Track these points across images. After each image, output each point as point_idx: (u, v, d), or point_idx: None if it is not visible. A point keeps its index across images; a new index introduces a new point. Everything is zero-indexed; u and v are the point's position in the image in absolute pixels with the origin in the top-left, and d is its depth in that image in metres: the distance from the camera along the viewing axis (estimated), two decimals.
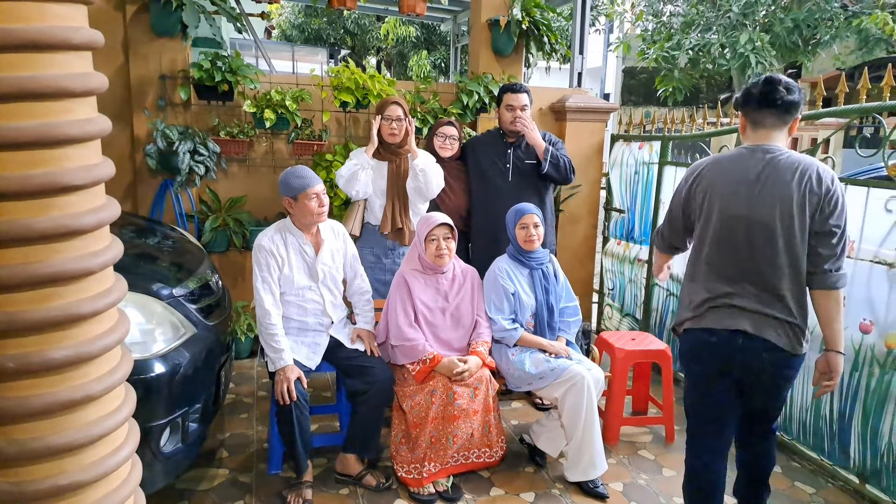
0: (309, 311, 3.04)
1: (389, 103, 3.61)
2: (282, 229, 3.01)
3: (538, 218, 3.19)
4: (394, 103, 3.61)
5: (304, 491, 2.83)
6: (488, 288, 3.20)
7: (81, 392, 1.35)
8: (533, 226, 3.15)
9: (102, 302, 1.38)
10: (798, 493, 3.03)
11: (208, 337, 2.69)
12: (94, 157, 1.36)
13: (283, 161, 4.49)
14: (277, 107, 4.13)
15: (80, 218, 1.31)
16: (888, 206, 2.80)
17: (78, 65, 1.29)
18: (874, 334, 2.86)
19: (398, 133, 3.58)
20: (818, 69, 10.81)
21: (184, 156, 3.90)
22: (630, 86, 21.18)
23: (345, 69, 4.29)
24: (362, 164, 3.55)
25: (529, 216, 3.16)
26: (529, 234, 3.15)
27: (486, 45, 4.79)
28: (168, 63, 4.09)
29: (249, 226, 4.36)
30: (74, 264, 1.31)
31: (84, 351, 1.34)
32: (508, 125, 3.77)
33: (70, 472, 1.37)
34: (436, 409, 2.88)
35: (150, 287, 2.57)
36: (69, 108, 1.27)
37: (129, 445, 1.51)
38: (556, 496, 2.96)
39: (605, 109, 5.06)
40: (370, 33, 15.96)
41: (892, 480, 2.84)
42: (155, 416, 2.35)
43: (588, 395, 2.91)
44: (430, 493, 2.88)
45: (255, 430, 3.49)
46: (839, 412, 3.06)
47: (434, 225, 3.04)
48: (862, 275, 2.90)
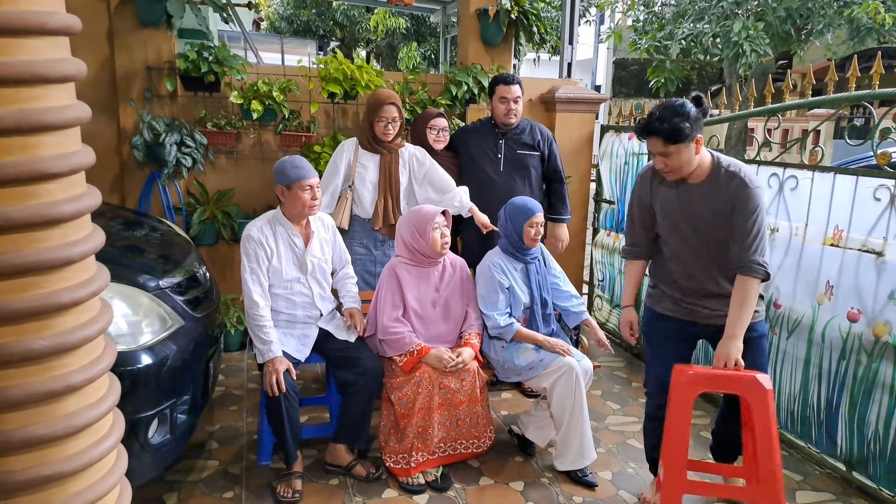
0: (297, 303, 3.02)
1: (385, 104, 3.48)
2: (271, 220, 2.99)
3: (542, 215, 3.18)
4: (390, 104, 3.48)
5: (294, 481, 2.83)
6: (482, 283, 3.17)
7: (62, 382, 1.33)
8: (539, 224, 3.14)
9: (83, 292, 1.37)
10: (785, 481, 3.05)
11: (196, 329, 2.68)
12: (72, 144, 1.34)
13: (272, 153, 4.46)
14: (265, 98, 4.11)
15: (58, 206, 1.29)
16: (877, 195, 2.80)
17: (54, 50, 1.27)
18: (862, 323, 2.87)
19: (392, 133, 3.53)
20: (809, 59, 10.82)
21: (171, 148, 3.87)
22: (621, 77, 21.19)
23: (333, 60, 4.26)
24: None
25: (539, 214, 3.13)
26: (538, 233, 3.13)
27: (475, 36, 4.77)
28: (154, 54, 4.05)
29: (238, 218, 4.34)
30: (53, 253, 1.29)
31: (64, 341, 1.33)
32: (502, 117, 3.75)
33: (53, 463, 1.36)
34: (422, 399, 2.88)
35: (136, 279, 2.56)
36: (45, 94, 1.25)
37: (113, 436, 1.50)
38: (545, 485, 2.97)
39: (594, 100, 5.05)
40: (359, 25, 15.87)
41: (878, 468, 2.86)
42: (142, 408, 2.34)
43: (577, 385, 2.91)
44: (420, 483, 2.89)
45: (244, 421, 3.48)
46: (826, 400, 3.08)
47: (437, 213, 3.03)
48: (850, 264, 2.92)
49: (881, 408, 2.81)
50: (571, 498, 2.88)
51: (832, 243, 3.01)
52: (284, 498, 2.77)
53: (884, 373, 2.78)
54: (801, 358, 3.19)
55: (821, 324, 3.06)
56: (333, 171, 3.59)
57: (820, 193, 3.07)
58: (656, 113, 2.43)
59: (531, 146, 3.83)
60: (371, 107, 3.54)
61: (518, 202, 3.19)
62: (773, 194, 3.34)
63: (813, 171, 3.11)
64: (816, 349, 3.10)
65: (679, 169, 2.47)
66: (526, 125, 3.87)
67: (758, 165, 3.45)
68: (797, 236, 3.20)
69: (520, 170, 3.82)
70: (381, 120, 3.49)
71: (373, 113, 3.51)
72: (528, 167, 3.83)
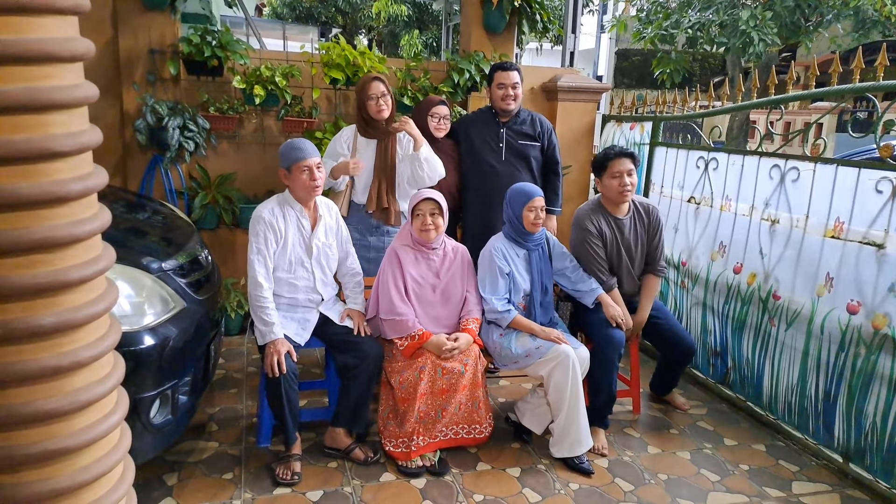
0: (300, 288, 3.03)
1: (369, 80, 3.49)
2: (282, 202, 3.00)
3: (542, 200, 3.19)
4: (373, 80, 3.49)
5: (293, 464, 2.85)
6: (483, 267, 3.19)
7: (69, 359, 1.35)
8: (540, 209, 3.14)
9: (90, 270, 1.38)
10: (782, 472, 3.07)
11: (198, 311, 2.69)
12: (80, 123, 1.35)
13: (273, 138, 4.46)
14: (267, 83, 4.10)
15: (66, 185, 1.30)
16: (879, 187, 2.81)
17: (63, 29, 1.27)
18: (861, 315, 2.88)
19: (386, 108, 3.52)
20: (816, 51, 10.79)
21: (173, 131, 3.87)
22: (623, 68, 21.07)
23: (335, 46, 4.26)
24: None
25: (539, 199, 3.15)
26: (538, 217, 3.14)
27: (477, 23, 4.75)
28: (157, 37, 4.05)
29: (239, 203, 4.34)
30: (60, 231, 1.30)
31: (71, 318, 1.34)
32: (500, 103, 3.75)
33: (59, 438, 1.38)
34: (425, 384, 2.90)
35: (139, 261, 2.57)
36: (54, 73, 1.26)
37: (118, 413, 1.52)
38: (541, 471, 2.99)
39: (596, 89, 5.05)
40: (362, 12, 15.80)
41: (875, 459, 2.88)
42: (145, 388, 2.35)
43: (573, 373, 2.93)
44: (418, 466, 2.91)
45: (244, 404, 3.50)
46: (824, 392, 3.10)
47: (420, 199, 3.04)
48: (850, 256, 2.92)
49: (879, 400, 2.83)
50: (568, 484, 2.90)
51: (833, 235, 3.02)
52: (283, 480, 2.79)
53: (882, 365, 2.80)
54: (799, 349, 3.21)
55: (820, 315, 3.08)
56: (332, 155, 3.59)
57: (822, 185, 3.08)
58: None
59: (532, 136, 3.83)
60: (359, 90, 3.56)
61: (518, 187, 3.21)
62: (774, 186, 3.35)
63: (815, 163, 3.12)
64: (815, 341, 3.11)
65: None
66: (527, 116, 3.87)
67: (759, 157, 3.45)
68: (798, 228, 3.21)
69: (521, 159, 3.82)
70: (370, 98, 3.48)
71: (362, 94, 3.52)
72: (529, 157, 3.83)
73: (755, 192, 3.48)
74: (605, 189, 3.37)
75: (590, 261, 3.34)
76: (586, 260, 3.35)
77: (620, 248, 3.40)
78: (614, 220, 3.38)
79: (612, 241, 3.38)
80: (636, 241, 3.42)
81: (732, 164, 3.65)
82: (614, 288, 3.37)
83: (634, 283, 3.48)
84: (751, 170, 3.51)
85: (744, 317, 3.57)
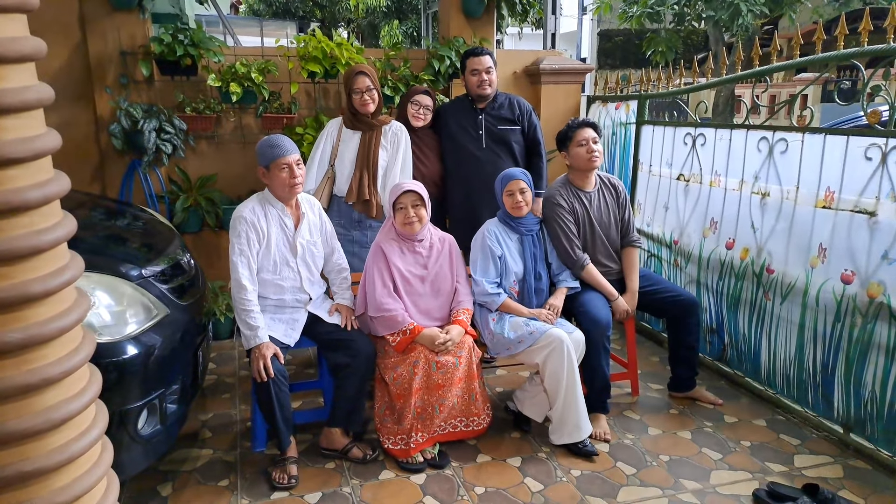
0: (286, 288, 2.97)
1: (355, 74, 3.45)
2: (262, 201, 2.93)
3: (525, 183, 3.14)
4: (359, 73, 3.45)
5: (289, 467, 2.80)
6: (475, 249, 3.17)
7: (38, 376, 1.29)
8: (519, 191, 3.11)
9: (55, 281, 1.32)
10: (784, 445, 3.05)
11: (182, 317, 2.62)
12: (35, 127, 1.28)
13: (253, 136, 4.38)
14: (243, 80, 4.02)
15: (23, 193, 1.24)
16: (868, 154, 2.77)
17: (8, 28, 1.20)
18: (856, 284, 2.85)
19: (371, 102, 3.48)
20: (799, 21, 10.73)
21: (149, 134, 3.78)
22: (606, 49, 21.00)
23: (311, 38, 4.18)
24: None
25: (515, 182, 3.11)
26: (517, 201, 3.10)
27: (456, 8, 4.67)
28: (127, 38, 3.95)
29: (222, 204, 4.26)
30: (20, 242, 1.24)
31: (37, 333, 1.28)
32: (476, 89, 3.70)
33: (34, 458, 1.32)
34: (419, 379, 2.85)
35: (118, 268, 2.49)
36: (2, 74, 1.19)
37: (96, 428, 1.46)
38: (542, 459, 2.95)
39: (580, 70, 4.99)
40: (340, 4, 15.63)
41: (876, 428, 2.85)
42: (130, 399, 2.29)
43: (569, 358, 2.89)
44: (419, 462, 2.87)
45: (237, 409, 3.44)
46: (822, 363, 3.07)
47: (400, 192, 2.98)
48: (842, 225, 2.89)
49: (877, 369, 2.80)
50: (570, 471, 2.86)
51: (824, 205, 2.98)
52: (280, 484, 2.74)
53: (879, 333, 2.77)
54: (795, 322, 3.17)
55: (815, 287, 3.04)
56: (317, 150, 3.54)
57: (810, 155, 3.04)
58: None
59: (511, 120, 3.78)
60: (345, 81, 3.54)
61: (502, 172, 3.21)
62: (762, 158, 3.31)
63: (803, 133, 3.07)
64: (811, 313, 3.08)
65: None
66: (504, 99, 3.81)
67: (747, 130, 3.40)
68: (788, 200, 3.17)
69: (502, 145, 3.76)
70: (356, 92, 3.46)
71: (348, 86, 3.49)
72: (510, 142, 3.78)
73: (744, 166, 3.44)
74: (573, 159, 3.38)
75: (562, 235, 3.30)
76: (559, 235, 3.30)
77: (593, 221, 3.39)
78: (584, 195, 3.40)
79: (583, 216, 3.38)
80: (608, 214, 3.44)
81: (720, 139, 3.61)
82: (587, 265, 3.32)
83: (614, 259, 3.47)
84: (739, 144, 3.46)
85: (738, 292, 3.53)
